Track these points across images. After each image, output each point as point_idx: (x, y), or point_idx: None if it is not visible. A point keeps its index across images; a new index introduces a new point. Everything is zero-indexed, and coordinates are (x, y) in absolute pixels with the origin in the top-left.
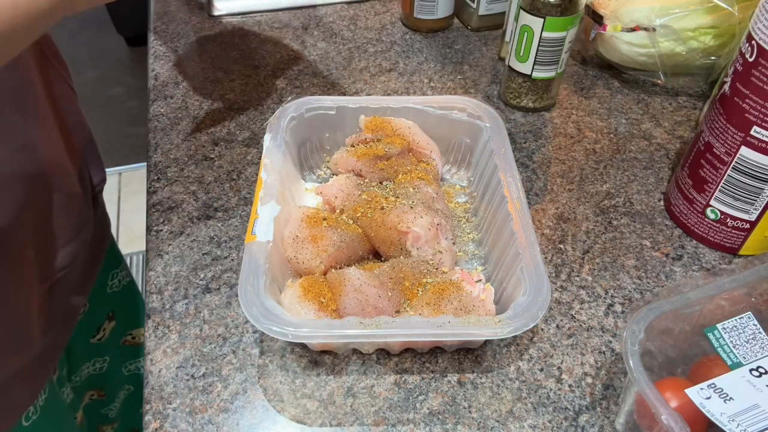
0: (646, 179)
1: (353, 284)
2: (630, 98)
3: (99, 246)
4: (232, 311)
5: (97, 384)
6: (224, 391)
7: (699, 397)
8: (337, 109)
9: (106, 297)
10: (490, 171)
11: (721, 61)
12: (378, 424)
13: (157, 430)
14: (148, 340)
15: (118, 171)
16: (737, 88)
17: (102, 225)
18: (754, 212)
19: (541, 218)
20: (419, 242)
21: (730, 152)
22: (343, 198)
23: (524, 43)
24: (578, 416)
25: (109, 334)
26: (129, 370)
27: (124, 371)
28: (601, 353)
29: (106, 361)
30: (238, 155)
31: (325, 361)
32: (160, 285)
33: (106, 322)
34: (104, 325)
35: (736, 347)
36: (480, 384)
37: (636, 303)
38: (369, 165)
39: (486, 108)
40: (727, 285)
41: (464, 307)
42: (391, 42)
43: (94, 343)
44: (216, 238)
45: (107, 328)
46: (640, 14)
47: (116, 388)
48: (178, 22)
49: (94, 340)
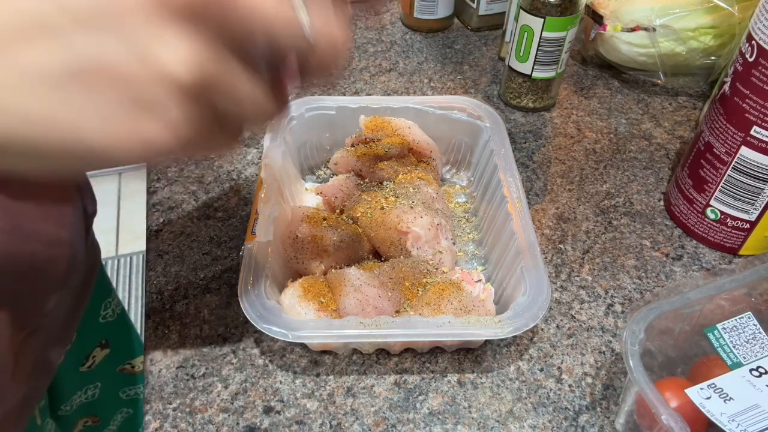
0: (646, 179)
1: (353, 284)
2: (630, 98)
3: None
4: (232, 311)
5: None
6: (224, 391)
7: (699, 397)
8: (337, 109)
9: (97, 326)
10: (490, 171)
11: (721, 61)
12: (378, 424)
13: (157, 430)
14: (148, 340)
15: (118, 171)
16: (737, 88)
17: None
18: (754, 212)
19: (541, 218)
20: (419, 242)
21: (730, 152)
22: (343, 198)
23: (524, 43)
24: (578, 416)
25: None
26: (129, 395)
27: (123, 396)
28: (601, 353)
29: (98, 387)
30: (238, 155)
31: (325, 361)
32: (160, 285)
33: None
34: (93, 353)
35: (736, 347)
36: (480, 384)
37: (636, 303)
38: (369, 165)
39: (486, 108)
40: (727, 285)
41: (464, 307)
42: (391, 42)
43: (83, 371)
44: (216, 238)
45: (98, 356)
46: (640, 14)
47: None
48: None
49: (84, 368)
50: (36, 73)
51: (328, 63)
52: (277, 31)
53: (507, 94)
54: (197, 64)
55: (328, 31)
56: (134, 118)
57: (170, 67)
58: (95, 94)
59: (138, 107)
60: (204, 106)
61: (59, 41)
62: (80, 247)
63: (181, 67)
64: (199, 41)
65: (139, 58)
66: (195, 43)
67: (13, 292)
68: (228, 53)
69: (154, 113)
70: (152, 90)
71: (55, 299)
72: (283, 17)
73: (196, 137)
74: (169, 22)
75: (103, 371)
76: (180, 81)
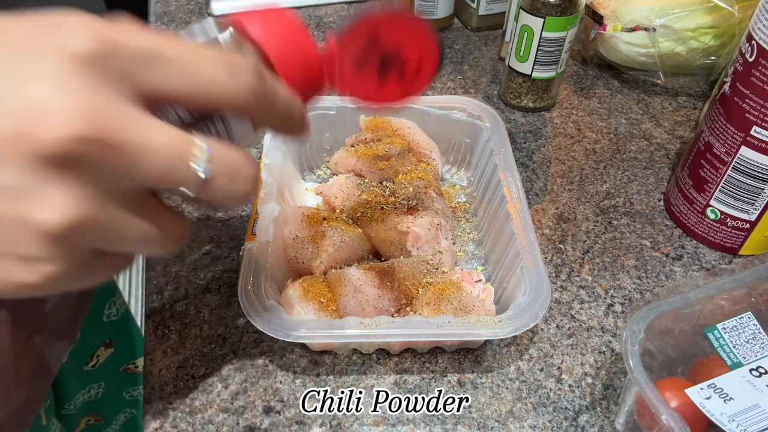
0: (646, 179)
1: (353, 284)
2: (630, 98)
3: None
4: (232, 311)
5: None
6: (224, 391)
7: (699, 397)
8: (337, 109)
9: (101, 325)
10: (490, 171)
11: (721, 61)
12: (378, 424)
13: (157, 430)
14: (148, 340)
15: None
16: (737, 88)
17: None
18: (754, 212)
19: (541, 218)
20: (419, 242)
21: (730, 152)
22: (343, 198)
23: (524, 43)
24: (578, 416)
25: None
26: (132, 396)
27: (126, 396)
28: (601, 353)
29: (101, 387)
30: None
31: (325, 361)
32: (160, 285)
33: (101, 349)
34: (98, 352)
35: (736, 347)
36: (480, 384)
37: (636, 303)
38: (369, 165)
39: (486, 108)
40: (727, 285)
41: (464, 307)
42: None
43: (87, 370)
44: (216, 238)
45: (102, 355)
46: (640, 14)
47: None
48: (178, 22)
49: (88, 367)
50: None
51: (228, 198)
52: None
53: (507, 94)
54: (71, 212)
55: (229, 166)
56: (3, 263)
57: (41, 216)
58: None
59: (5, 251)
60: (77, 248)
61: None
62: None
63: (53, 215)
64: (77, 190)
65: (8, 205)
66: (72, 192)
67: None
68: (112, 197)
69: (21, 257)
70: (20, 236)
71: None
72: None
73: (67, 277)
74: (46, 172)
75: (107, 371)
76: (50, 229)
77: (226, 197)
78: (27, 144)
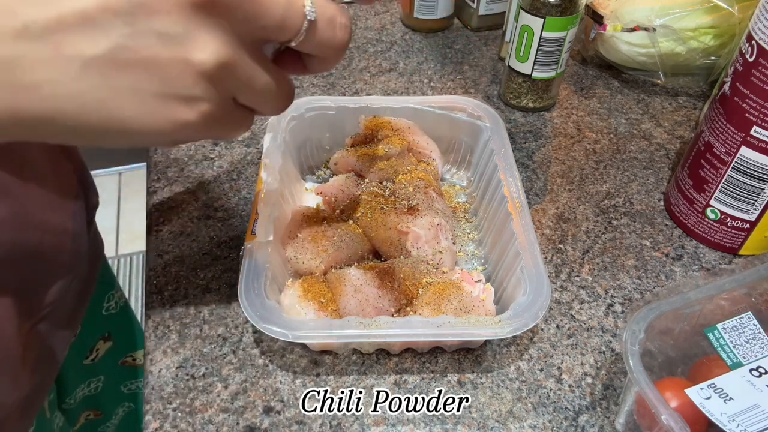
0: (646, 179)
1: (353, 284)
2: (630, 98)
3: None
4: (232, 311)
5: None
6: (224, 391)
7: (699, 397)
8: (337, 109)
9: (100, 318)
10: (490, 171)
11: (721, 61)
12: (378, 424)
13: (157, 430)
14: (148, 340)
15: (118, 171)
16: (737, 88)
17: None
18: (754, 212)
19: (541, 218)
20: (419, 242)
21: (730, 152)
22: (343, 198)
23: (524, 43)
24: (578, 416)
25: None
26: (130, 389)
27: (124, 390)
28: (601, 353)
29: (101, 381)
30: (238, 155)
31: (325, 361)
32: (160, 285)
33: (100, 343)
34: (97, 345)
35: (736, 347)
36: (480, 384)
37: (636, 303)
38: (369, 165)
39: (486, 108)
40: (727, 285)
41: (464, 307)
42: (391, 42)
43: (87, 364)
44: (216, 238)
45: (101, 348)
46: (640, 14)
47: (113, 406)
48: None
49: (87, 361)
50: (80, 60)
51: (331, 42)
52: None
53: (507, 94)
54: (220, 53)
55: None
56: (166, 101)
57: (197, 57)
58: (132, 79)
59: (169, 91)
60: (224, 90)
61: (100, 34)
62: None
63: (207, 56)
64: (220, 34)
65: (170, 49)
66: (217, 36)
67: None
68: (244, 45)
69: (182, 97)
70: (182, 76)
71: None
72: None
73: (216, 119)
74: (196, 18)
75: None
76: (205, 68)
77: (328, 44)
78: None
